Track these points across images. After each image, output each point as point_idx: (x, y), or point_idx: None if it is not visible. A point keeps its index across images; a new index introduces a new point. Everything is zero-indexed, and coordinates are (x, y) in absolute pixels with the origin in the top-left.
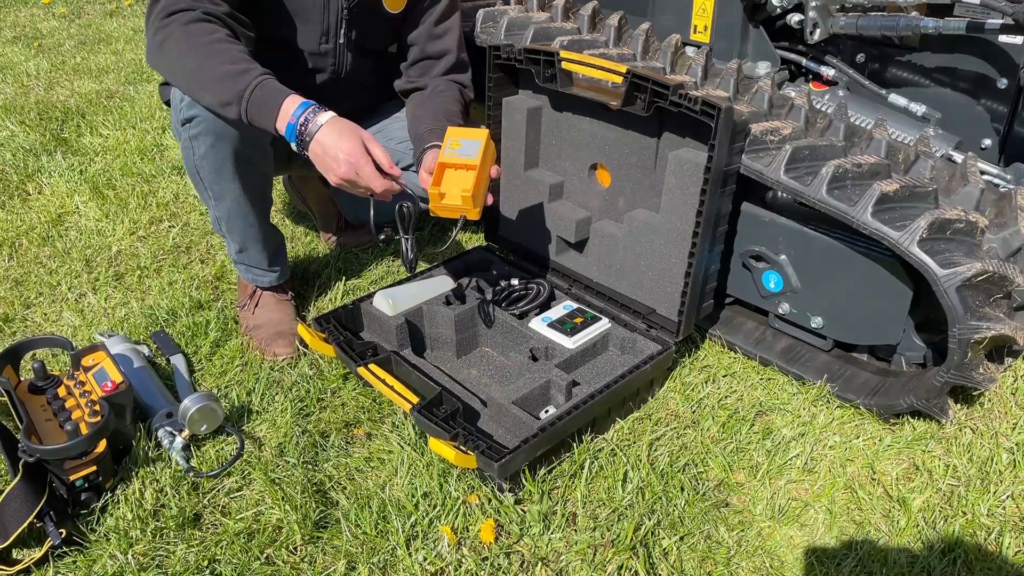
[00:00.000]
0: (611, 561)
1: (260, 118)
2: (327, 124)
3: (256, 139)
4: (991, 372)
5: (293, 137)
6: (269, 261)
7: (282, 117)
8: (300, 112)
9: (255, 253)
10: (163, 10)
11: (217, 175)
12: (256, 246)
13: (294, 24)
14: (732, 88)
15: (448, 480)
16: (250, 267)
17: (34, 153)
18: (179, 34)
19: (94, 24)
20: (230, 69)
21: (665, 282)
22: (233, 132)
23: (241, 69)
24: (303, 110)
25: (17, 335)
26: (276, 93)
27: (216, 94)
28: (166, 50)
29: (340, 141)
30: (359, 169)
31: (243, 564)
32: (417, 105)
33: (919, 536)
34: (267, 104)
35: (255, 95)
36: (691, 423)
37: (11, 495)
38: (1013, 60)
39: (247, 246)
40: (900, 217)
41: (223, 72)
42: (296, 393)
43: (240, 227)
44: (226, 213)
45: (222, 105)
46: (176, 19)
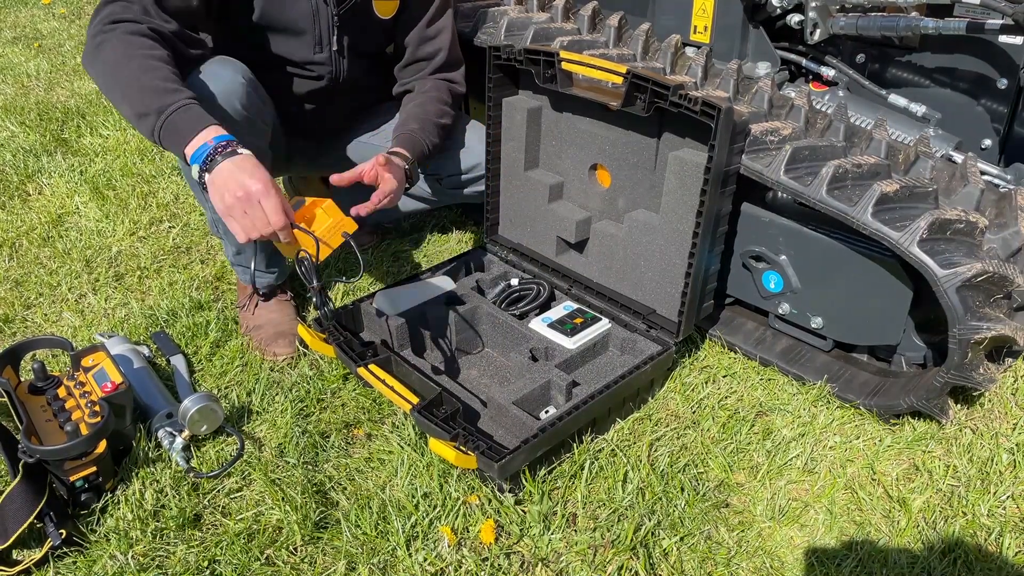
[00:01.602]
0: (611, 562)
1: (173, 136)
2: (248, 156)
3: (254, 142)
4: (991, 372)
5: (201, 158)
6: (267, 262)
7: (199, 140)
8: (223, 140)
9: (251, 256)
10: (108, 16)
11: None
12: (252, 250)
13: (286, 37)
14: (732, 88)
15: (448, 480)
16: (247, 269)
17: (34, 154)
18: (118, 41)
19: None
20: (159, 85)
21: (665, 282)
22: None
23: (171, 88)
24: (226, 140)
25: (17, 335)
26: (201, 119)
27: (136, 105)
28: (101, 52)
29: (256, 171)
30: (264, 198)
31: (243, 565)
32: (403, 107)
33: (919, 536)
34: (187, 125)
35: (176, 115)
36: (691, 423)
37: (11, 496)
38: (1013, 60)
39: (245, 248)
40: (900, 217)
41: (151, 86)
42: (296, 393)
43: None
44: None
45: (138, 116)
46: (120, 27)
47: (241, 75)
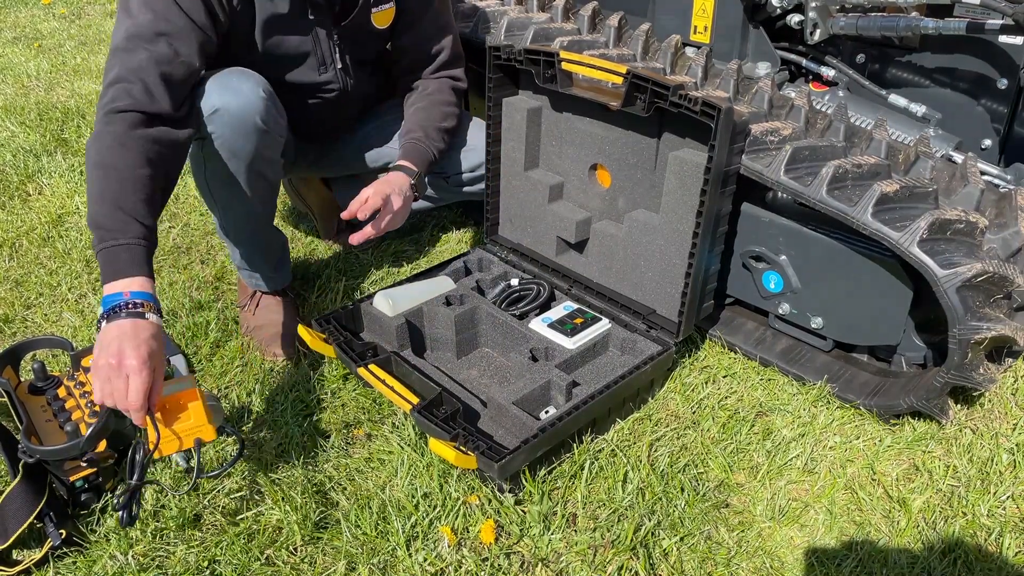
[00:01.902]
0: (611, 562)
1: (104, 265)
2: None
3: (271, 155)
4: (991, 372)
5: (108, 305)
6: (274, 267)
7: (119, 286)
8: (138, 299)
9: (260, 260)
10: (111, 103)
11: (228, 190)
12: (261, 253)
13: (291, 64)
14: (732, 89)
15: (448, 481)
16: (254, 273)
17: (34, 154)
18: (111, 141)
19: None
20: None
21: (665, 282)
22: (249, 149)
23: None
24: (141, 299)
25: (17, 335)
26: (132, 266)
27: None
28: (95, 145)
29: (143, 344)
30: (133, 375)
31: (243, 565)
32: (406, 110)
33: (919, 537)
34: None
35: (117, 250)
36: (691, 424)
37: (11, 496)
38: (1013, 60)
39: (252, 254)
40: (900, 217)
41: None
42: (296, 394)
43: (247, 236)
44: (233, 223)
45: (94, 223)
46: (118, 122)
47: (261, 88)
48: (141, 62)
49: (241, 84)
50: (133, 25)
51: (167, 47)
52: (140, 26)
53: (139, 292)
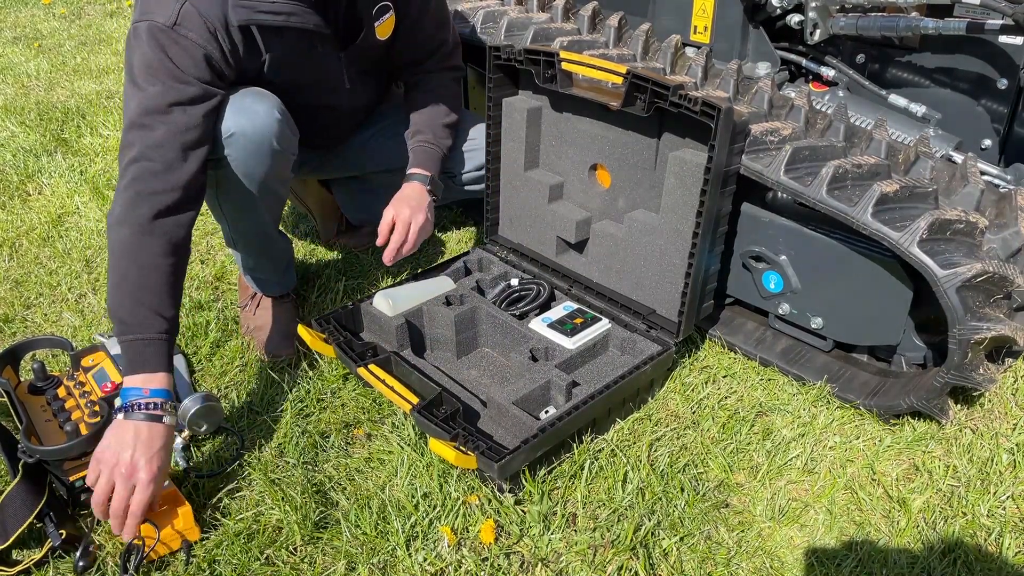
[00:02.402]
0: (611, 562)
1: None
2: (162, 431)
3: (283, 174)
4: (991, 373)
5: (127, 398)
6: (281, 273)
7: (139, 380)
8: (158, 397)
9: (267, 268)
10: (135, 186)
11: (238, 207)
12: (268, 263)
13: (299, 92)
14: (732, 89)
15: (448, 481)
16: (259, 279)
17: (34, 154)
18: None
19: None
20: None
21: (665, 282)
22: (263, 171)
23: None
24: (161, 398)
25: (17, 335)
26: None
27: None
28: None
29: (156, 456)
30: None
31: (243, 564)
32: (409, 108)
33: (919, 537)
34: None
35: (138, 344)
36: (691, 424)
37: (11, 496)
38: (1013, 61)
39: (260, 262)
40: (900, 218)
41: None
42: (296, 393)
43: (255, 247)
44: (242, 235)
45: (113, 314)
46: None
47: (276, 110)
48: (159, 138)
49: (256, 106)
50: (144, 99)
51: (182, 115)
52: (151, 99)
53: (158, 390)
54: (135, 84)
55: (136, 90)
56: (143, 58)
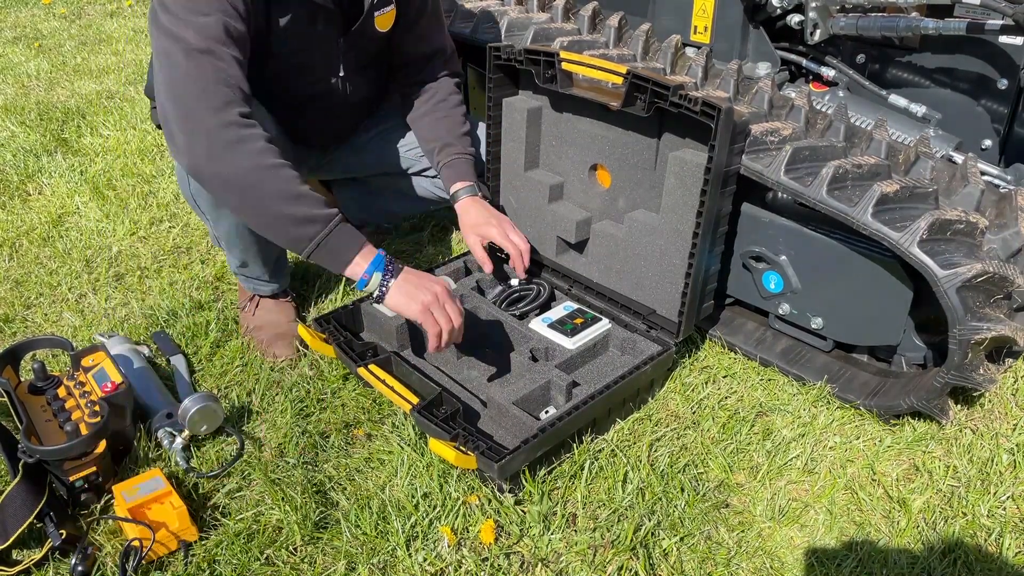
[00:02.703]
0: (611, 562)
1: (330, 257)
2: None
3: None
4: (991, 373)
5: (380, 267)
6: (271, 274)
7: (364, 257)
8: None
9: (256, 267)
10: (232, 107)
11: (214, 203)
12: (257, 261)
13: (298, 69)
14: (732, 89)
15: (448, 481)
16: (250, 278)
17: (34, 153)
18: (264, 148)
19: (95, 25)
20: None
21: (665, 283)
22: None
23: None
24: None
25: (17, 335)
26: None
27: (282, 228)
28: (239, 157)
29: (423, 280)
30: (446, 303)
31: (243, 564)
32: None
33: (919, 537)
34: (343, 248)
35: (330, 240)
36: (691, 424)
37: (11, 496)
38: (1013, 61)
39: (248, 262)
40: (900, 218)
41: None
42: (296, 394)
43: (240, 246)
44: (225, 234)
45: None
46: (255, 127)
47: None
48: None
49: None
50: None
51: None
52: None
53: (377, 257)
54: (180, 18)
55: (183, 24)
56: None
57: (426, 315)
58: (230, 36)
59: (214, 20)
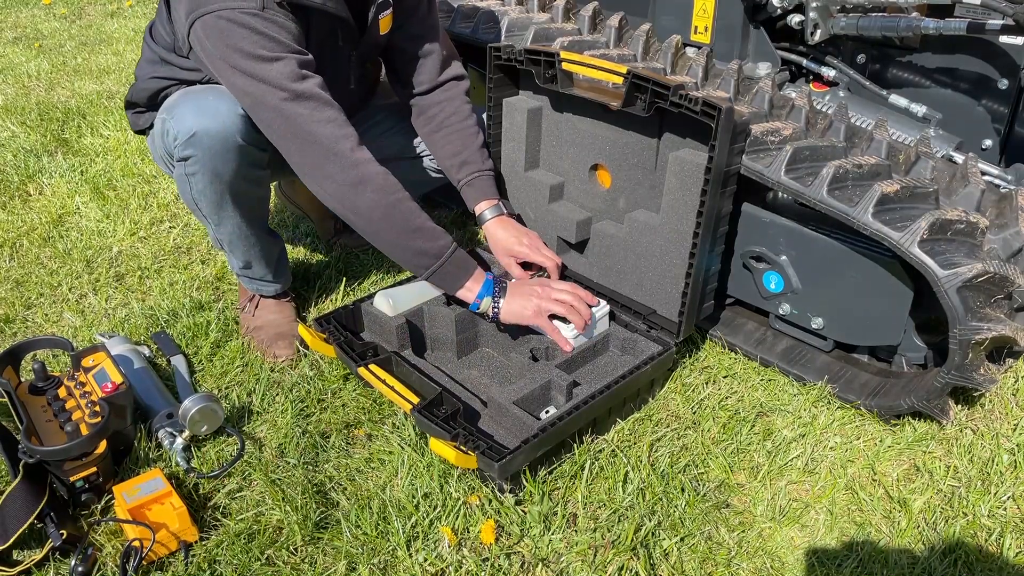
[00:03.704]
0: (612, 562)
1: (445, 282)
2: (512, 285)
3: (255, 170)
4: (992, 373)
5: (489, 293)
6: (272, 273)
7: (476, 281)
8: (486, 292)
9: (259, 268)
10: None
11: (216, 207)
12: (259, 262)
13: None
14: (733, 89)
15: (448, 481)
16: (253, 279)
17: (35, 154)
18: (381, 187)
19: (95, 25)
20: (422, 246)
21: (666, 283)
22: (231, 169)
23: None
24: (493, 287)
25: (18, 336)
26: (467, 267)
27: (403, 258)
28: (363, 196)
29: (525, 288)
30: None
31: (243, 565)
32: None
33: (920, 537)
34: (458, 273)
35: (447, 266)
36: (692, 424)
37: (11, 496)
38: (1014, 61)
39: (250, 263)
40: (901, 218)
41: (416, 248)
42: (296, 394)
43: (242, 248)
44: (227, 236)
45: (409, 267)
46: (371, 162)
47: (239, 107)
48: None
49: (219, 104)
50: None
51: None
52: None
53: (487, 282)
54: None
55: (264, 67)
56: (248, 39)
57: (540, 318)
58: (308, 67)
59: (286, 62)
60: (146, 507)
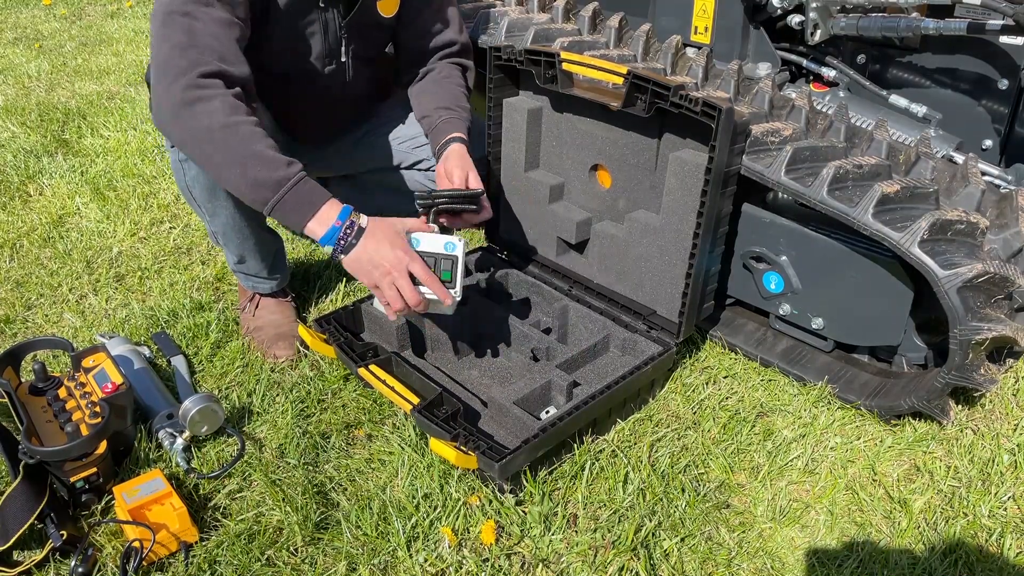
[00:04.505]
0: (612, 562)
1: (289, 218)
2: (369, 231)
3: None
4: (992, 373)
5: (332, 240)
6: (269, 270)
7: (319, 222)
8: (343, 218)
9: (254, 263)
10: (195, 67)
11: (210, 195)
12: (255, 257)
13: (297, 53)
14: (733, 89)
15: (449, 481)
16: (250, 276)
17: (35, 154)
18: (220, 107)
19: (95, 25)
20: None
21: (666, 283)
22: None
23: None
24: (346, 216)
25: (18, 336)
26: (311, 200)
27: (242, 189)
28: (196, 116)
29: (390, 237)
30: (397, 280)
31: (244, 565)
32: (423, 90)
33: (920, 537)
34: (300, 207)
35: (287, 197)
36: (692, 424)
37: (12, 497)
38: (1014, 61)
39: (245, 257)
40: (901, 218)
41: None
42: (297, 394)
43: (237, 241)
44: (222, 228)
45: (250, 201)
46: (217, 87)
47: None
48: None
49: None
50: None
51: (223, 11)
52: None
53: (340, 214)
54: None
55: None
56: None
57: (376, 289)
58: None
59: None
60: (146, 508)
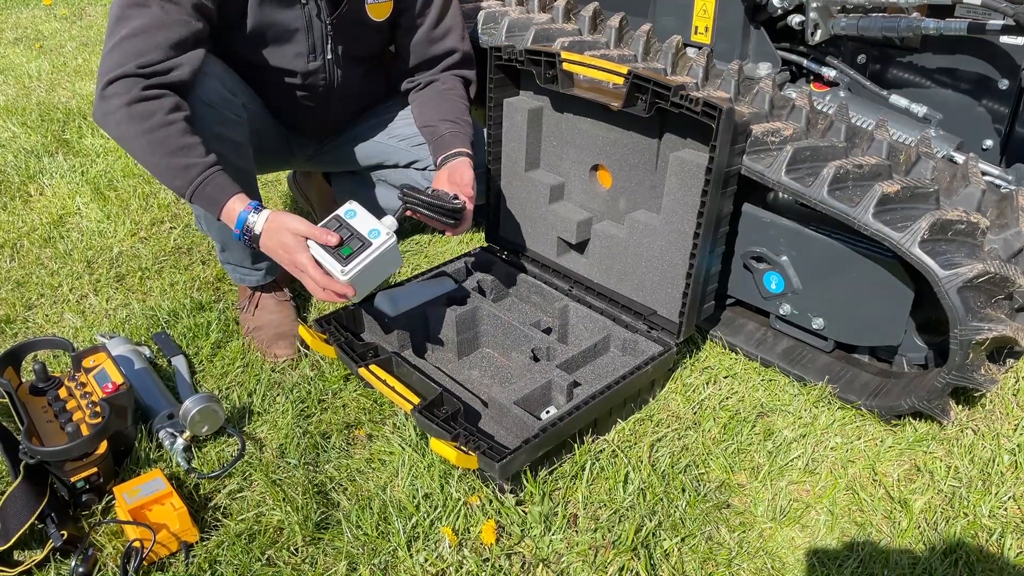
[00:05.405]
0: (612, 562)
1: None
2: (263, 237)
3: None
4: (992, 373)
5: (240, 237)
6: (252, 259)
7: (227, 216)
8: (240, 226)
9: (237, 251)
10: (108, 72)
11: None
12: (237, 244)
13: (279, 48)
14: (733, 89)
15: (449, 481)
16: (235, 266)
17: (35, 155)
18: (121, 116)
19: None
20: (172, 163)
21: (666, 283)
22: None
23: (181, 165)
24: (241, 224)
25: (18, 336)
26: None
27: (163, 181)
28: (109, 123)
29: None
30: (303, 277)
31: (244, 565)
32: (426, 100)
33: (921, 537)
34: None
35: (199, 192)
36: (692, 424)
37: (12, 497)
38: (1014, 61)
39: (228, 244)
40: (901, 218)
41: (166, 165)
42: (297, 394)
43: (218, 225)
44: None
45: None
46: (117, 94)
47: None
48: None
49: None
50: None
51: (160, 11)
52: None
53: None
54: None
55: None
56: None
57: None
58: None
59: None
60: (147, 508)
